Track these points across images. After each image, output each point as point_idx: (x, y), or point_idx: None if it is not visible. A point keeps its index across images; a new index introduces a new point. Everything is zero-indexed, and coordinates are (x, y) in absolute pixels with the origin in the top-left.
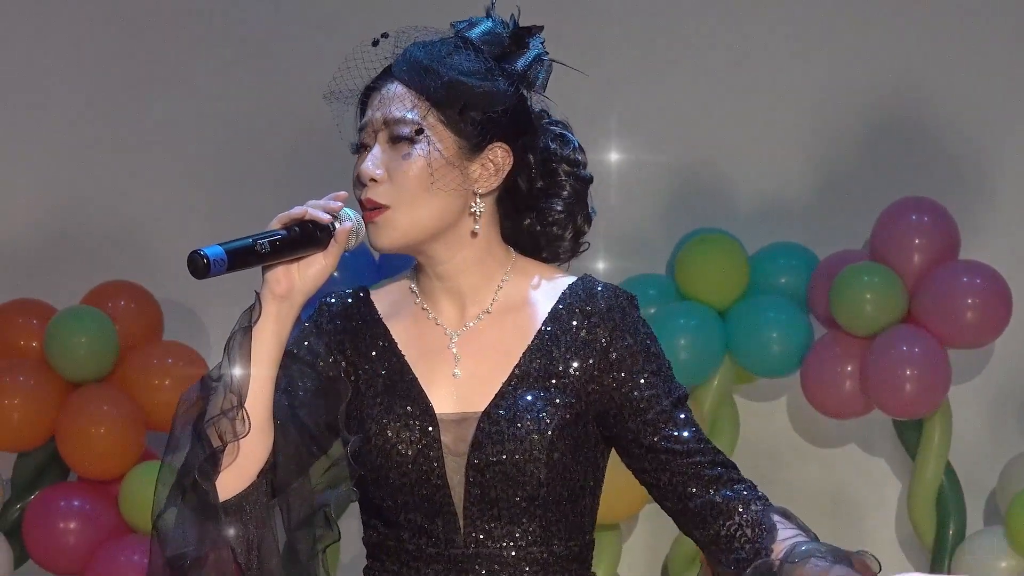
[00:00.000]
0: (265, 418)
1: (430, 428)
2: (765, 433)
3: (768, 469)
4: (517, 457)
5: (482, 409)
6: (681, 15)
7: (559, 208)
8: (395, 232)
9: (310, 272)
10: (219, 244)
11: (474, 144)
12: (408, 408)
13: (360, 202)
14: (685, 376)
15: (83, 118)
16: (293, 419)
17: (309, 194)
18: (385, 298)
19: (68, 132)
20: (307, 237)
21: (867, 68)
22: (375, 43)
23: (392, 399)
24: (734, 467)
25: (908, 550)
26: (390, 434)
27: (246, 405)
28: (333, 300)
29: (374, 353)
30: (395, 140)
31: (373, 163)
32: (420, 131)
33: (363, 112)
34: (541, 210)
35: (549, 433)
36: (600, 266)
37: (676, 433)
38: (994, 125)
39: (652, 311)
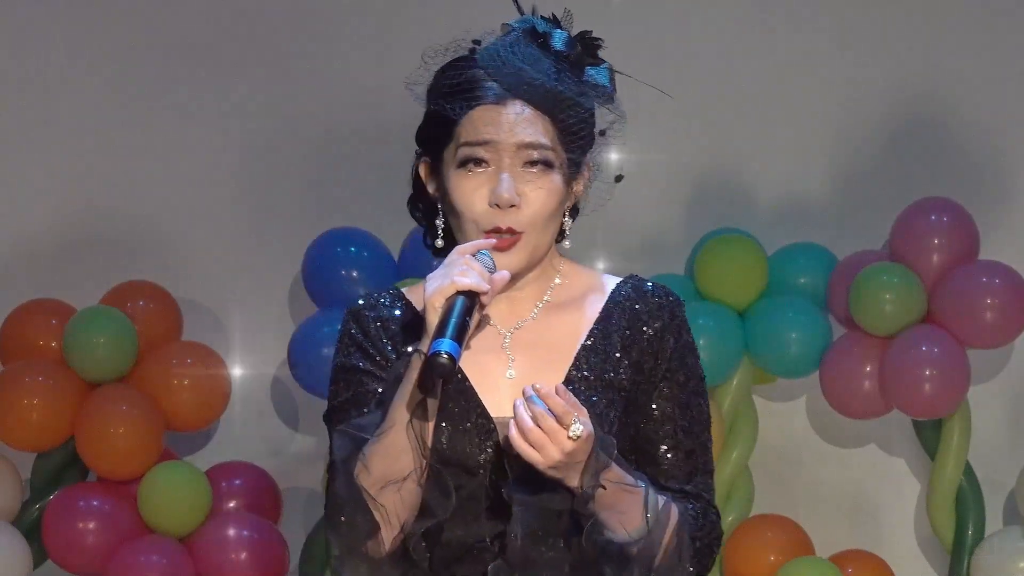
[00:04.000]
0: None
1: (489, 431)
2: (784, 433)
3: (787, 469)
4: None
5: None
6: (701, 13)
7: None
8: (521, 256)
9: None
10: (439, 337)
11: (577, 165)
12: (463, 412)
13: (488, 226)
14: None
15: (103, 118)
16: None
17: (331, 195)
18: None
19: (88, 132)
20: (475, 299)
21: (887, 69)
22: (472, 51)
23: (445, 403)
24: (698, 497)
25: (927, 550)
26: (445, 439)
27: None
28: (363, 303)
29: None
30: (529, 164)
31: (512, 188)
32: (555, 156)
33: (453, 120)
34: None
35: (605, 435)
36: (618, 266)
37: (663, 466)
38: (1014, 126)
39: None
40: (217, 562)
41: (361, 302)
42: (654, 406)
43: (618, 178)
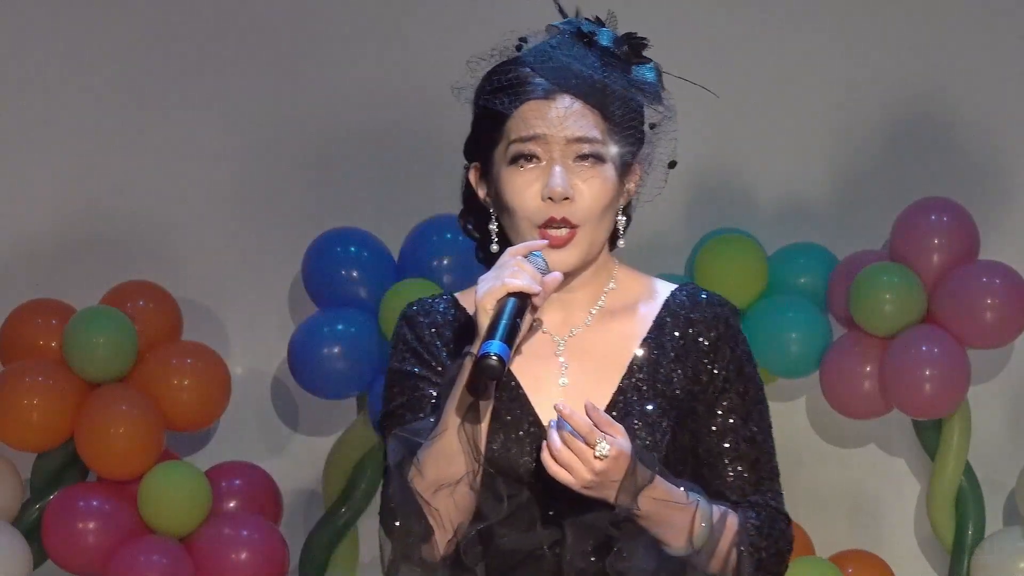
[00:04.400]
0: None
1: (541, 440)
2: (784, 433)
3: (787, 469)
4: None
5: None
6: (700, 13)
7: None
8: (578, 252)
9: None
10: (489, 339)
11: (627, 162)
12: (516, 419)
13: (542, 220)
14: None
15: (103, 118)
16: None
17: (331, 195)
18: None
19: (88, 132)
20: (527, 301)
21: (886, 68)
22: (518, 48)
23: (497, 410)
24: (764, 506)
25: (927, 550)
26: (497, 446)
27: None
28: (417, 308)
29: None
30: (581, 159)
31: (565, 181)
32: (605, 150)
33: (502, 118)
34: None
35: (663, 443)
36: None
37: (729, 479)
38: (1014, 125)
39: None
40: (217, 562)
41: (415, 308)
42: (716, 419)
43: (671, 164)
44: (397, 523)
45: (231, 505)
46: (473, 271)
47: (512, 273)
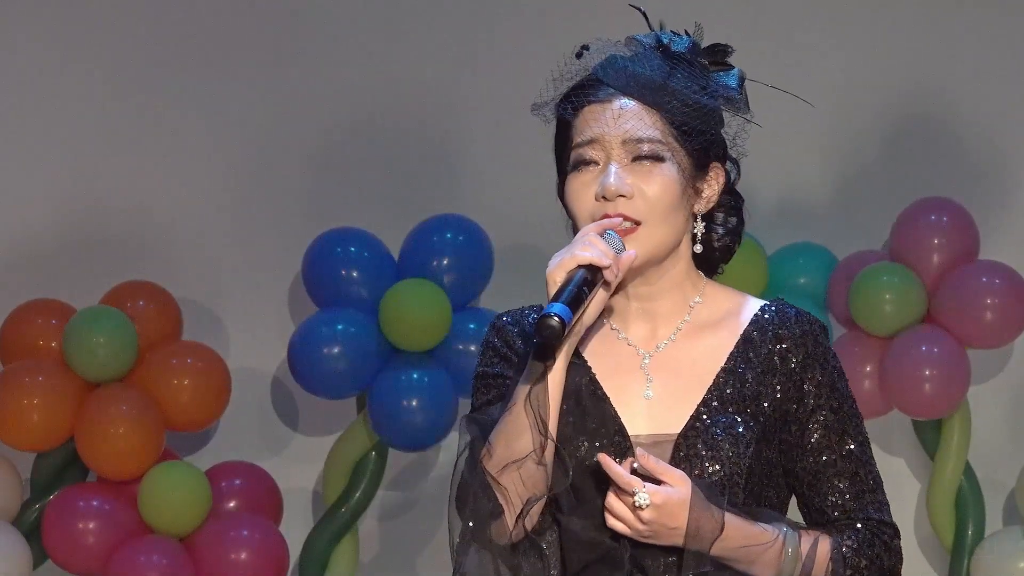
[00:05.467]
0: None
1: (625, 449)
2: None
3: None
4: (715, 480)
5: (677, 431)
6: (698, 13)
7: (733, 224)
8: (643, 249)
9: (592, 308)
10: (552, 302)
11: (699, 164)
12: (601, 428)
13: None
14: None
15: (103, 118)
16: None
17: (331, 195)
18: None
19: (88, 132)
20: (597, 276)
21: (886, 68)
22: (579, 55)
23: (583, 418)
24: (865, 521)
25: (927, 550)
26: (583, 453)
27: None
28: (508, 318)
29: None
30: (638, 158)
31: (620, 179)
32: (666, 150)
33: (567, 128)
34: (718, 228)
35: (747, 457)
36: None
37: (830, 497)
38: (1014, 125)
39: None
40: (217, 562)
41: (505, 318)
42: (812, 437)
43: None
44: (466, 501)
45: (231, 505)
46: (475, 271)
47: (583, 247)
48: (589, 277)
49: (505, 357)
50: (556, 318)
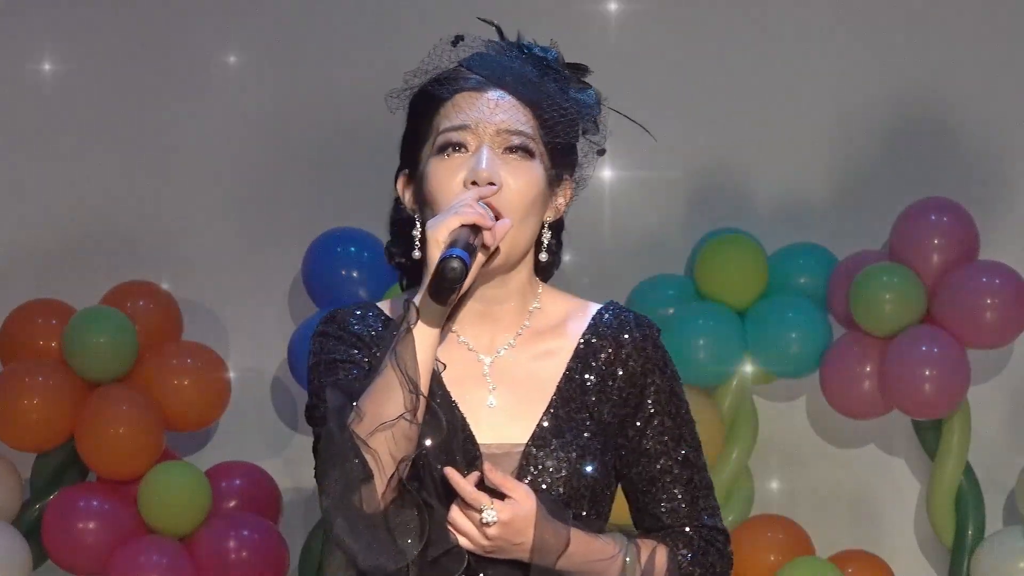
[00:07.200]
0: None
1: (474, 458)
2: (784, 433)
3: (787, 469)
4: (561, 491)
5: (523, 442)
6: (701, 14)
7: (558, 244)
8: (504, 246)
9: (469, 276)
10: (450, 248)
11: (558, 171)
12: (450, 428)
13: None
14: (704, 377)
15: (103, 118)
16: None
17: (331, 195)
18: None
19: (87, 133)
20: (477, 238)
21: (886, 68)
22: (454, 43)
23: (435, 410)
24: (699, 529)
25: (927, 550)
26: (431, 443)
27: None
28: (340, 311)
29: None
30: (510, 149)
31: (493, 166)
32: (536, 148)
33: (435, 109)
34: (553, 243)
35: (592, 468)
36: (619, 266)
37: (665, 503)
38: (1014, 125)
39: (671, 312)
40: (217, 562)
41: (336, 312)
42: (648, 442)
43: (600, 152)
44: (333, 466)
45: (231, 505)
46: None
47: (465, 208)
48: (472, 240)
49: (342, 339)
50: (458, 259)
